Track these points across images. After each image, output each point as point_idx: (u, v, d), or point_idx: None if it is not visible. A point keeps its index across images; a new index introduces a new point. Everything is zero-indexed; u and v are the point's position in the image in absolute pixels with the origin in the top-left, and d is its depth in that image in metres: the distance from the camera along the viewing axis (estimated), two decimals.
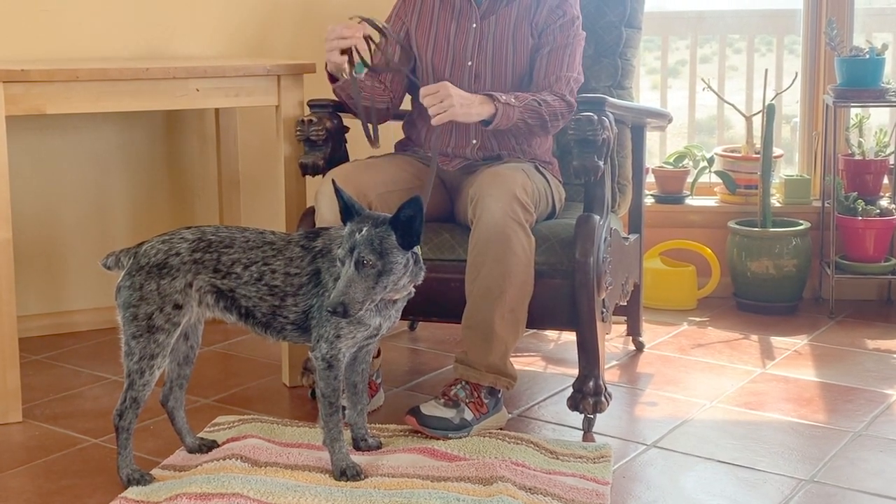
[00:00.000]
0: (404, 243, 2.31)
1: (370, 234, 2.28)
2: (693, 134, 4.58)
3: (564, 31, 2.93)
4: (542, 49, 2.93)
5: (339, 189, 2.37)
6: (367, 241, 2.27)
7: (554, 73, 2.90)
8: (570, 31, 2.94)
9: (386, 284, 2.31)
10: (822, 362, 3.39)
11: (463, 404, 2.70)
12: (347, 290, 2.25)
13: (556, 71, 2.91)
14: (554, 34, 2.93)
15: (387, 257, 2.29)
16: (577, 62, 2.95)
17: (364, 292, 2.27)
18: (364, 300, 2.28)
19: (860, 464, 2.63)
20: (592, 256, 2.71)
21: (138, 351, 2.39)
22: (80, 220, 3.74)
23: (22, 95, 2.87)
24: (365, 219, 2.32)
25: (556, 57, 2.91)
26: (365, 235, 2.28)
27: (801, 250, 3.92)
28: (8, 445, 2.77)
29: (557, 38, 2.92)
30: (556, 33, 2.92)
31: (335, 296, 2.25)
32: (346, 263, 2.28)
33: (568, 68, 2.92)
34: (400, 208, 2.30)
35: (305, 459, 2.54)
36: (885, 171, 4.02)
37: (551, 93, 2.87)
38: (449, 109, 2.67)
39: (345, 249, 2.29)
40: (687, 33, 4.60)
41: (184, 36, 3.74)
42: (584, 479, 2.47)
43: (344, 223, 2.37)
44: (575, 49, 2.94)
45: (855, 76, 3.83)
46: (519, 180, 2.73)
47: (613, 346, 3.54)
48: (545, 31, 2.93)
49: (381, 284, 2.30)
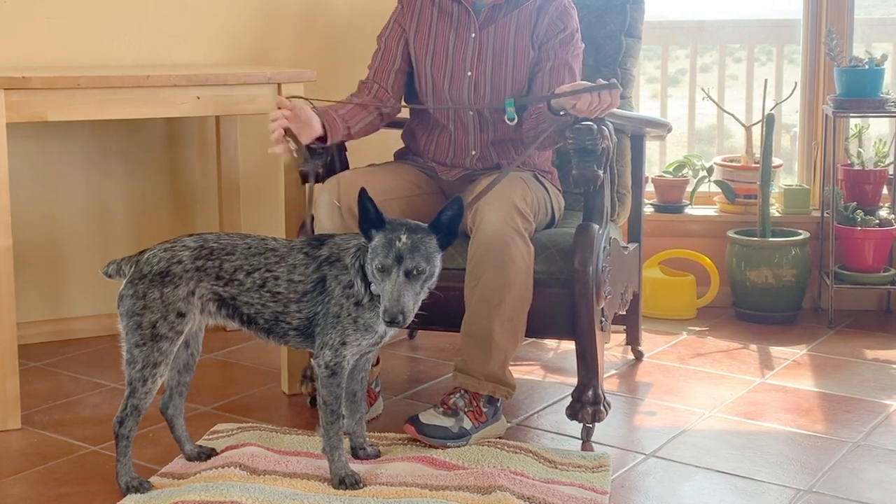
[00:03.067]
0: (444, 244, 2.36)
1: (414, 241, 2.30)
2: (692, 143, 4.59)
3: (565, 46, 2.93)
4: (542, 64, 2.93)
5: (368, 197, 2.34)
6: (414, 248, 2.30)
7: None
8: (570, 46, 2.94)
9: (429, 288, 2.36)
10: (821, 372, 3.39)
11: (462, 413, 2.70)
12: (401, 298, 2.27)
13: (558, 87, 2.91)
14: (555, 49, 2.93)
15: (432, 262, 2.33)
16: (576, 78, 2.95)
17: (414, 298, 2.31)
18: (415, 306, 2.32)
19: (859, 474, 2.63)
20: (592, 265, 2.71)
21: (141, 359, 2.39)
22: (80, 228, 3.74)
23: (23, 102, 2.88)
24: (398, 226, 2.33)
25: (557, 74, 2.91)
26: (408, 243, 2.29)
27: (801, 260, 3.92)
28: (7, 452, 2.77)
29: (559, 54, 2.92)
30: (557, 49, 2.93)
31: (392, 306, 2.27)
32: (392, 272, 2.29)
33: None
34: (442, 210, 2.36)
35: (304, 468, 2.54)
36: (884, 181, 4.02)
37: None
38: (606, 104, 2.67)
39: (390, 258, 2.29)
40: (687, 43, 4.61)
41: (185, 44, 3.75)
42: (583, 488, 2.47)
43: (364, 230, 2.35)
44: (574, 65, 2.95)
45: (854, 86, 3.84)
46: (518, 190, 2.73)
47: (612, 355, 3.54)
48: (545, 45, 2.93)
49: (426, 289, 2.35)
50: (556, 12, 2.94)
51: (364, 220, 2.35)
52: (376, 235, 2.33)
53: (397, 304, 2.27)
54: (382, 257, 2.30)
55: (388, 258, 2.29)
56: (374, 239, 2.33)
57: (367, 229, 2.35)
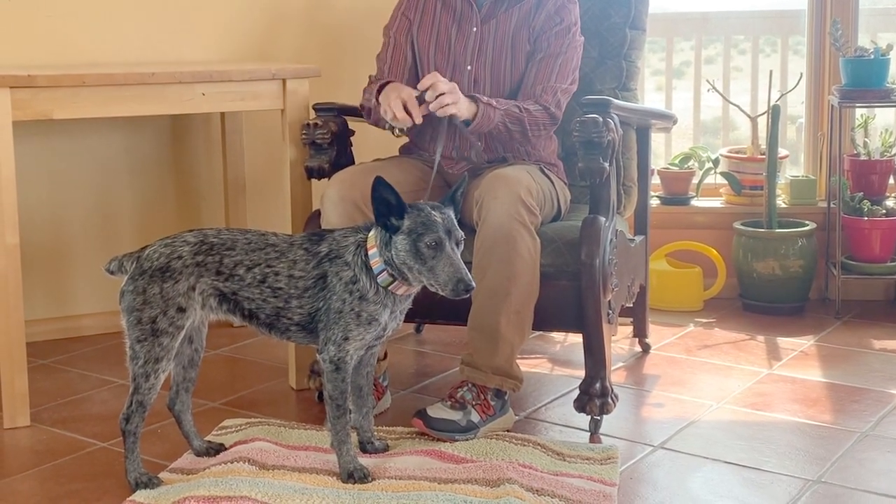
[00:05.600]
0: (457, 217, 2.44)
1: (448, 215, 2.37)
2: (698, 135, 4.58)
3: (559, 38, 2.92)
4: (534, 55, 2.93)
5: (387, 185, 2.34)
6: (452, 221, 2.37)
7: (541, 83, 2.90)
8: (565, 40, 2.93)
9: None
10: (828, 363, 3.39)
11: (469, 406, 2.71)
12: (461, 266, 2.33)
13: (543, 80, 2.90)
14: (548, 41, 2.92)
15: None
16: (568, 71, 2.93)
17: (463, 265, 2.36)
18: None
19: (867, 464, 2.63)
20: (598, 258, 2.71)
21: (143, 355, 2.40)
22: (86, 225, 3.75)
23: (29, 101, 2.88)
24: (423, 207, 2.36)
25: (546, 66, 2.91)
26: (447, 216, 2.36)
27: (807, 251, 3.92)
28: (16, 449, 2.77)
29: (551, 45, 2.92)
30: (551, 40, 2.92)
31: (463, 275, 2.31)
32: (445, 246, 2.32)
33: (557, 78, 2.91)
34: (456, 187, 2.44)
35: (313, 462, 2.54)
36: (890, 171, 4.02)
37: (536, 103, 2.87)
38: (454, 104, 2.69)
39: (441, 232, 2.32)
40: (691, 34, 4.61)
41: (189, 40, 3.75)
42: (592, 480, 2.48)
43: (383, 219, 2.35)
44: (568, 58, 2.93)
45: (860, 76, 3.83)
46: (524, 182, 2.73)
47: (620, 347, 3.54)
48: (540, 37, 2.93)
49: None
50: (555, 6, 2.94)
51: (385, 210, 2.34)
52: (407, 219, 2.34)
53: (462, 271, 2.31)
54: (434, 233, 2.32)
55: (440, 232, 2.32)
56: (404, 223, 2.34)
57: (387, 218, 2.35)
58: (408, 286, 2.41)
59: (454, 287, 2.31)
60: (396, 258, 2.35)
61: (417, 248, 2.32)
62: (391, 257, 2.36)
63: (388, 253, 2.36)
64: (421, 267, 2.33)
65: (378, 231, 2.38)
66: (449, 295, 2.33)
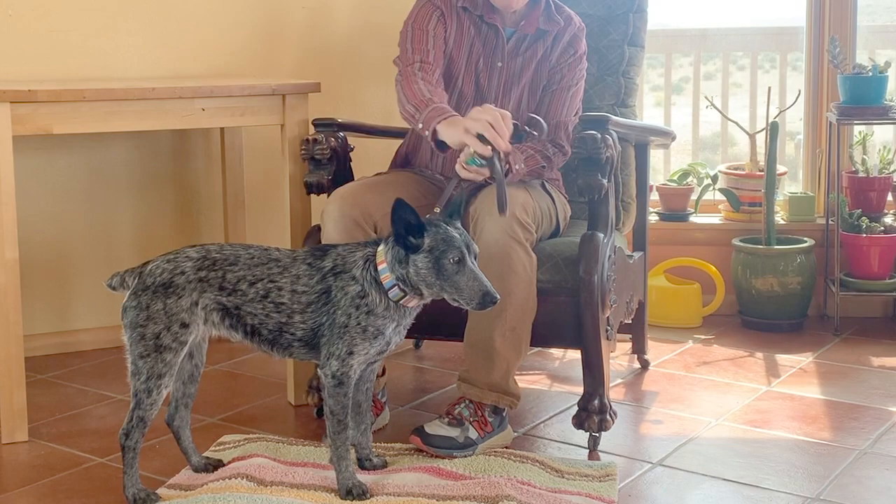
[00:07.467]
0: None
1: (462, 229, 2.40)
2: (697, 151, 4.59)
3: (572, 70, 2.97)
4: (549, 87, 2.96)
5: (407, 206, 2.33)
6: (467, 234, 2.41)
7: (555, 118, 2.93)
8: (577, 71, 2.98)
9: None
10: (827, 380, 3.38)
11: (467, 423, 2.70)
12: (485, 281, 2.35)
13: (557, 114, 2.94)
14: (563, 72, 2.97)
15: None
16: (577, 101, 2.99)
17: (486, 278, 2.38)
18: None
19: (866, 481, 2.63)
20: (597, 274, 2.71)
21: (146, 370, 2.39)
22: (86, 240, 3.75)
23: (29, 115, 2.89)
24: (439, 223, 2.37)
25: (559, 98, 2.95)
26: (462, 230, 2.40)
27: (806, 268, 3.92)
28: (14, 465, 2.77)
29: (565, 77, 2.96)
30: (565, 72, 2.96)
31: (489, 289, 2.33)
32: (466, 260, 2.34)
33: (568, 111, 2.95)
34: (458, 201, 2.46)
35: (311, 478, 2.54)
36: (888, 188, 4.02)
37: (553, 144, 2.91)
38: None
39: (462, 248, 2.34)
40: (690, 51, 4.62)
41: (189, 55, 3.76)
42: (590, 497, 2.47)
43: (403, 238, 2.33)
44: (578, 89, 2.99)
45: (858, 93, 3.84)
46: (520, 199, 2.73)
47: (618, 363, 3.54)
48: (555, 69, 2.97)
49: None
50: (569, 37, 2.98)
51: (404, 230, 2.34)
52: (427, 237, 2.34)
53: (486, 285, 2.34)
54: (456, 248, 2.33)
55: (461, 248, 2.34)
56: (424, 241, 2.34)
57: (406, 237, 2.35)
58: (420, 299, 2.41)
59: (481, 300, 2.34)
60: (416, 276, 2.35)
61: (440, 265, 2.33)
62: (406, 274, 2.36)
63: (403, 270, 2.36)
64: (444, 283, 2.34)
65: (389, 247, 2.38)
66: (475, 308, 2.36)
